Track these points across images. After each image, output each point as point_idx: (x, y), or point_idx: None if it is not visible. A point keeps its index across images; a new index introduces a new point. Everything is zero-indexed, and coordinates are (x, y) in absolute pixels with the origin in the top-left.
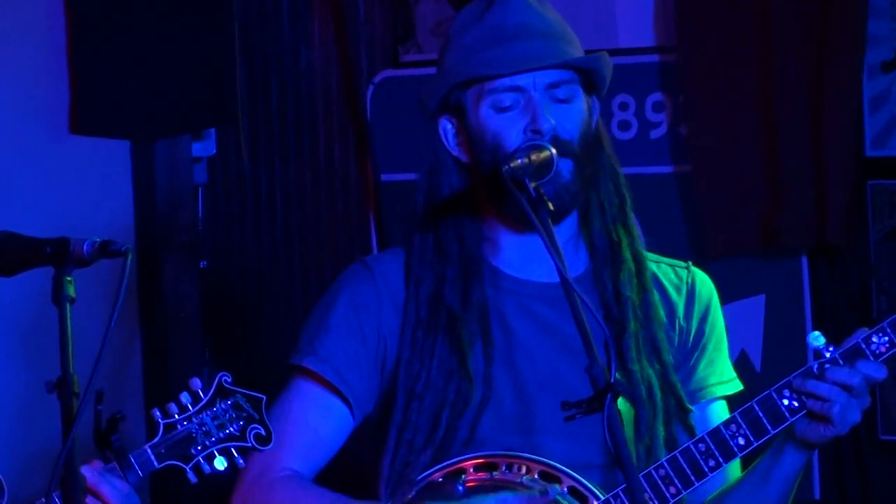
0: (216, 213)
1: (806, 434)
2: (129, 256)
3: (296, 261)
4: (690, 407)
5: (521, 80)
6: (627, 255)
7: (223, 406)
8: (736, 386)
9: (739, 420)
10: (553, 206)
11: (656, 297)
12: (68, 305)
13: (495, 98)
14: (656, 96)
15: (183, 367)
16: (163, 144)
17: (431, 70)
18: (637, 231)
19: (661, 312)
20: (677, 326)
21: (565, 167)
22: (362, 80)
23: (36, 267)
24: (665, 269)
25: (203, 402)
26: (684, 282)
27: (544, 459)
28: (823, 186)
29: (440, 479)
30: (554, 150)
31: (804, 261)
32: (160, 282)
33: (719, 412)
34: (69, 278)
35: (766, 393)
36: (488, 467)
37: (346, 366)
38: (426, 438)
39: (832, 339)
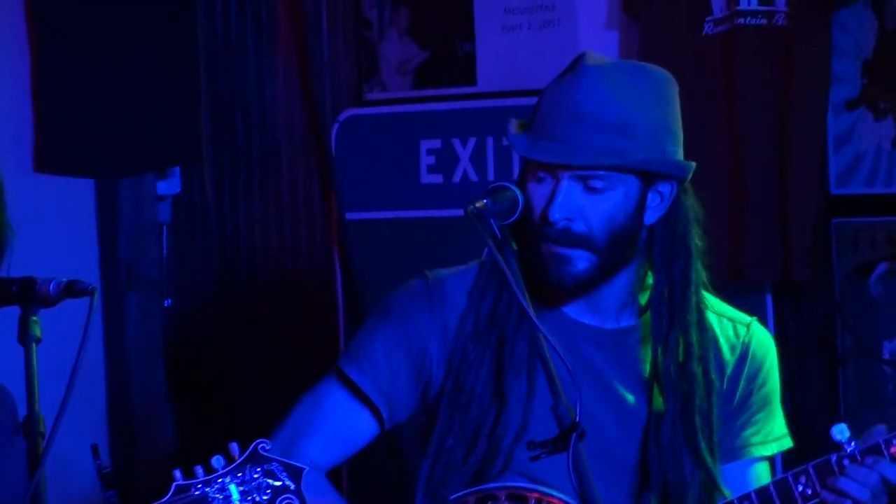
0: (181, 252)
1: None
2: (95, 296)
3: (260, 299)
4: (727, 493)
5: (550, 162)
6: (685, 340)
7: (253, 473)
8: (784, 444)
9: (754, 498)
10: (562, 284)
11: (713, 375)
12: (34, 345)
13: (534, 170)
14: None
15: (147, 405)
16: (127, 183)
17: (396, 108)
18: (696, 317)
19: (714, 389)
20: (725, 384)
21: (582, 257)
22: (327, 117)
23: (2, 307)
24: (725, 325)
25: (230, 468)
26: (740, 341)
27: (573, 500)
28: (788, 223)
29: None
30: (517, 191)
31: (769, 297)
32: (124, 320)
33: (760, 473)
34: (35, 318)
35: (783, 476)
36: (519, 500)
37: (385, 377)
38: (464, 455)
39: (798, 377)
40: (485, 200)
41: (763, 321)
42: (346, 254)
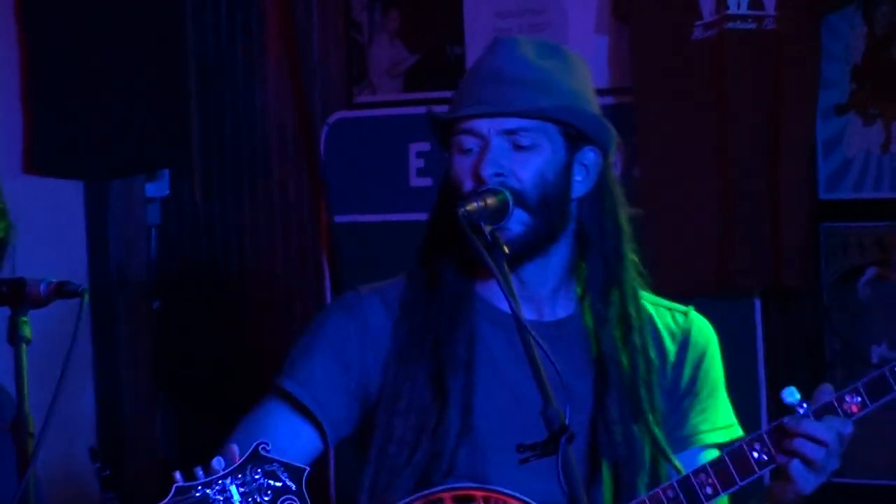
0: (170, 254)
1: (772, 489)
2: (85, 297)
3: (249, 301)
4: (678, 464)
5: (478, 124)
6: (620, 313)
7: (254, 474)
8: (733, 432)
9: (709, 470)
10: (507, 249)
11: (644, 357)
12: (24, 346)
13: (459, 140)
14: None
15: (136, 407)
16: (117, 185)
17: (385, 111)
18: (635, 289)
19: (651, 370)
20: (668, 373)
21: (517, 220)
22: (316, 120)
23: None
24: (663, 314)
25: (230, 469)
26: (681, 328)
27: (523, 497)
28: (777, 229)
29: None
30: (511, 196)
31: (757, 303)
32: (113, 322)
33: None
34: (25, 319)
35: (736, 444)
36: (466, 500)
37: (324, 392)
38: (407, 458)
39: (786, 382)
40: (476, 203)
41: (751, 325)
42: (335, 256)
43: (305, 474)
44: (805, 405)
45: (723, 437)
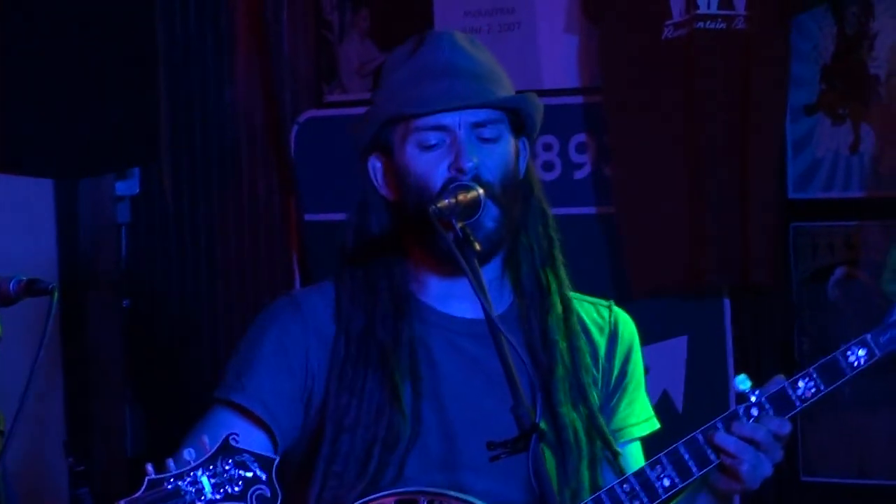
0: (139, 252)
1: (717, 483)
2: (55, 295)
3: (219, 300)
4: (619, 450)
5: (445, 118)
6: (556, 299)
7: (225, 465)
8: (653, 425)
9: (665, 461)
10: (479, 246)
11: (583, 341)
12: None
13: (420, 137)
14: (580, 137)
15: (105, 405)
16: (86, 183)
17: (356, 110)
18: (565, 274)
19: (587, 357)
20: (600, 367)
21: (489, 215)
22: (286, 119)
23: None
24: (587, 308)
25: (201, 461)
26: (607, 322)
27: (468, 497)
28: (747, 228)
29: None
30: (481, 191)
31: (727, 302)
32: (83, 320)
33: (635, 454)
34: None
35: (691, 435)
36: (410, 503)
37: (272, 399)
38: (358, 473)
39: (756, 381)
40: (447, 200)
41: (721, 325)
42: (304, 255)
43: (275, 464)
44: (757, 392)
45: (644, 430)
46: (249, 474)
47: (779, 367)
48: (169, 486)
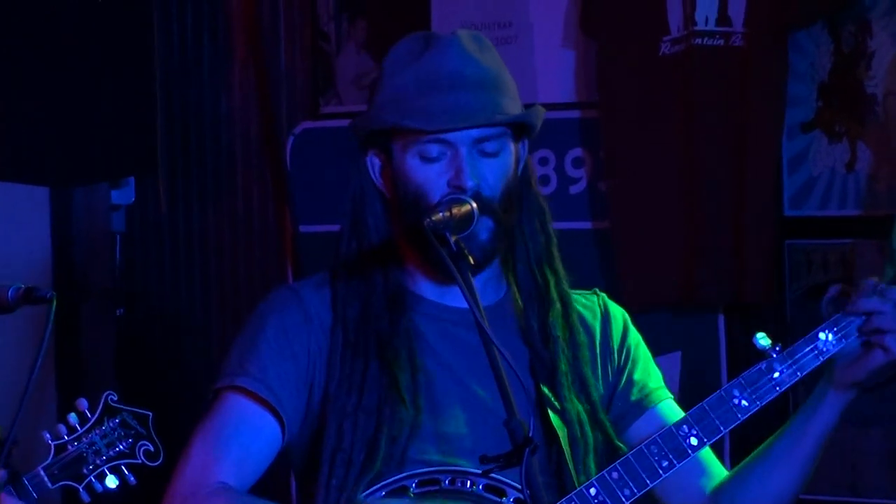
0: (134, 261)
1: (845, 375)
2: (54, 303)
3: (213, 310)
4: (620, 444)
5: (449, 134)
6: (554, 295)
7: (111, 424)
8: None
9: (691, 421)
10: (472, 259)
11: (582, 335)
12: None
13: (422, 148)
14: (576, 152)
15: None
16: (81, 192)
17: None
18: (563, 270)
19: (587, 351)
20: (599, 350)
21: (484, 226)
22: (282, 130)
23: None
24: (577, 298)
25: (91, 422)
26: (597, 304)
27: (488, 473)
28: (742, 245)
29: (384, 494)
30: (475, 205)
31: (721, 318)
32: (77, 328)
33: (670, 411)
34: None
35: (716, 394)
36: (432, 482)
37: (278, 384)
38: (364, 459)
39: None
40: (441, 213)
41: (715, 341)
42: (299, 266)
43: (150, 418)
44: (778, 347)
45: (668, 393)
46: (133, 431)
47: None
48: (72, 449)
